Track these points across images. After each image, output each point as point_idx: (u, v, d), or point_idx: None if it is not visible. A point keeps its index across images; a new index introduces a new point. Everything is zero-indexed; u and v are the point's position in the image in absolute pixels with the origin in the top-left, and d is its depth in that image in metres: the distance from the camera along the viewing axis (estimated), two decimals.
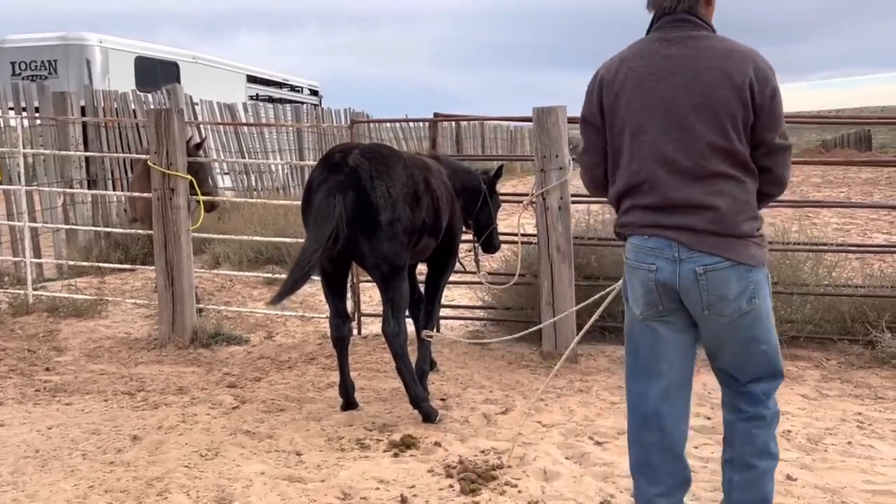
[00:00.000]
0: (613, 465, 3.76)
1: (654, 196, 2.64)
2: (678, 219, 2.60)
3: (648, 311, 2.72)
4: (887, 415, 4.49)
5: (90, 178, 10.53)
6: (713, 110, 2.57)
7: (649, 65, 2.65)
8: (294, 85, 21.58)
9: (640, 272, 2.68)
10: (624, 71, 2.68)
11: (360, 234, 4.19)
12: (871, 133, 42.17)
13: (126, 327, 6.92)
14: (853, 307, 5.70)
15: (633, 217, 2.71)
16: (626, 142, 2.67)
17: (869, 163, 13.37)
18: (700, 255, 2.59)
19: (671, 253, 2.61)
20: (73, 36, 13.49)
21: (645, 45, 2.72)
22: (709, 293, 2.61)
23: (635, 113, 2.65)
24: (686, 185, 2.59)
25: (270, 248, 9.04)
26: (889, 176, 22.68)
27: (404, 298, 4.46)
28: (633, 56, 2.71)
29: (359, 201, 4.15)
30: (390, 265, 4.30)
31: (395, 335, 4.35)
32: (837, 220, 13.26)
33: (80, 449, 4.09)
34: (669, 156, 2.60)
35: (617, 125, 2.70)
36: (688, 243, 2.59)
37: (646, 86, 2.64)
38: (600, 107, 2.75)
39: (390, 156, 4.43)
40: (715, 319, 2.66)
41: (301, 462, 3.91)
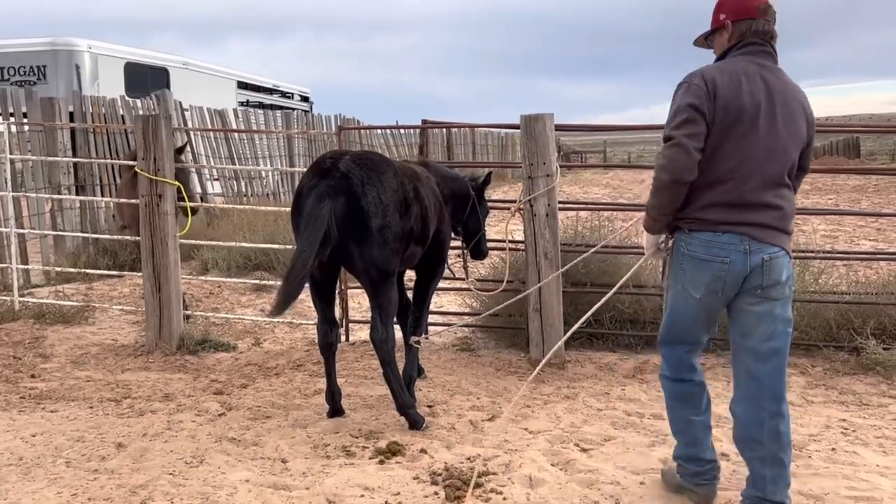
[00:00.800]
0: (598, 472, 3.77)
1: (734, 194, 3.12)
2: (750, 216, 3.11)
3: (709, 297, 3.21)
4: (871, 421, 4.52)
5: (78, 184, 10.49)
6: (797, 134, 3.19)
7: (756, 86, 3.14)
8: (285, 91, 21.55)
9: (714, 264, 3.15)
10: (738, 83, 3.13)
11: (350, 239, 4.18)
12: (859, 140, 42.45)
13: (113, 334, 6.89)
14: (839, 314, 5.74)
15: (709, 214, 3.16)
16: (731, 143, 3.12)
17: (857, 170, 13.45)
18: (765, 246, 3.12)
19: (742, 246, 3.11)
20: (62, 41, 13.43)
21: (743, 65, 3.20)
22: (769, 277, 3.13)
23: (747, 122, 3.11)
24: (763, 190, 3.14)
25: (259, 255, 9.03)
26: (877, 183, 22.86)
27: (393, 305, 4.46)
28: (739, 72, 3.17)
29: (349, 207, 4.14)
30: (380, 271, 4.30)
31: (384, 342, 4.35)
32: (826, 226, 13.36)
33: (64, 457, 4.07)
34: (763, 164, 3.12)
35: (727, 126, 3.11)
36: (758, 237, 3.11)
37: (754, 102, 3.11)
38: (713, 103, 3.12)
39: (381, 162, 4.44)
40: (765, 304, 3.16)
41: (286, 469, 3.89)
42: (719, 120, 3.11)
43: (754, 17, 3.23)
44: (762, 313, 3.16)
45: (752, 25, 3.23)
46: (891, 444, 4.17)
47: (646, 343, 5.98)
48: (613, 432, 4.35)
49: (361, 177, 4.19)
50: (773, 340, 3.18)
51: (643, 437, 4.26)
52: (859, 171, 13.96)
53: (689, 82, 3.18)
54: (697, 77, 3.17)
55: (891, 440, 4.23)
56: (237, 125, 14.25)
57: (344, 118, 17.75)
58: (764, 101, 3.13)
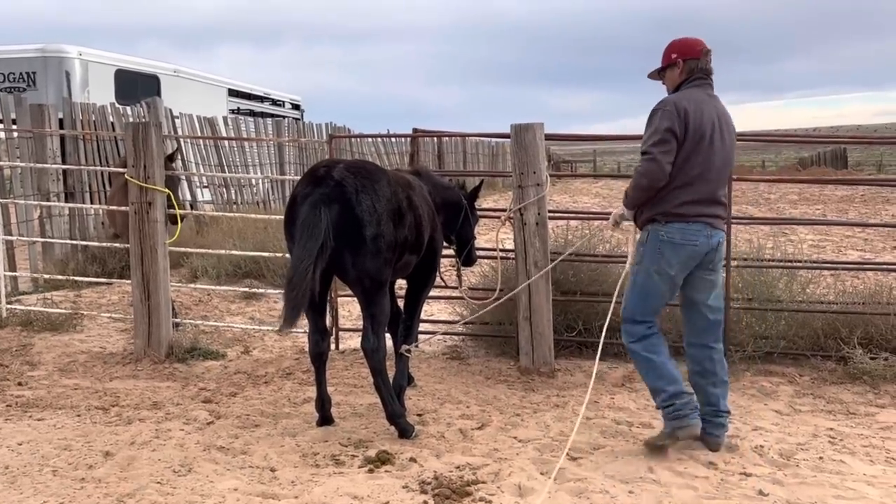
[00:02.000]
0: (588, 481, 3.78)
1: (701, 193, 4.05)
2: (710, 209, 4.10)
3: (681, 272, 4.13)
4: (858, 430, 4.54)
5: (67, 191, 10.44)
6: (734, 147, 4.25)
7: (711, 111, 4.08)
8: (276, 99, 21.54)
9: (688, 246, 4.07)
10: (701, 109, 4.04)
11: (344, 247, 4.16)
12: (846, 151, 42.78)
13: (101, 341, 6.86)
14: (826, 323, 5.78)
15: (683, 209, 4.05)
16: (697, 155, 4.02)
17: (844, 181, 13.56)
18: (718, 231, 4.15)
19: (705, 232, 4.08)
20: (52, 48, 13.39)
21: (698, 95, 4.12)
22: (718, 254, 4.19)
23: (707, 139, 4.03)
24: (718, 190, 4.15)
25: (249, 262, 9.01)
26: (864, 194, 23.02)
27: (385, 314, 4.45)
28: (699, 101, 4.07)
29: (344, 214, 4.13)
30: (372, 280, 4.28)
31: (374, 351, 4.33)
32: (813, 236, 13.44)
33: (51, 465, 4.04)
34: (718, 171, 4.10)
35: (694, 142, 4.01)
36: (714, 224, 4.12)
37: (715, 125, 4.06)
38: (685, 128, 3.99)
39: (375, 171, 4.43)
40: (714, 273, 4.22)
41: (275, 478, 3.88)
42: (689, 138, 3.99)
43: (698, 58, 4.18)
44: (712, 280, 4.22)
45: (698, 64, 4.17)
46: (877, 453, 4.20)
47: None
48: (602, 441, 4.36)
49: (356, 185, 4.18)
50: (717, 299, 4.26)
51: (632, 446, 4.27)
52: (847, 181, 14.15)
53: (664, 108, 4.04)
54: (671, 104, 4.03)
55: (877, 449, 4.26)
56: (227, 133, 14.22)
57: (335, 126, 17.75)
58: (716, 122, 4.07)
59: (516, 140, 5.76)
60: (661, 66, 4.27)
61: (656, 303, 4.22)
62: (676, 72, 4.20)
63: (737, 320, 5.90)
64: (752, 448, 4.22)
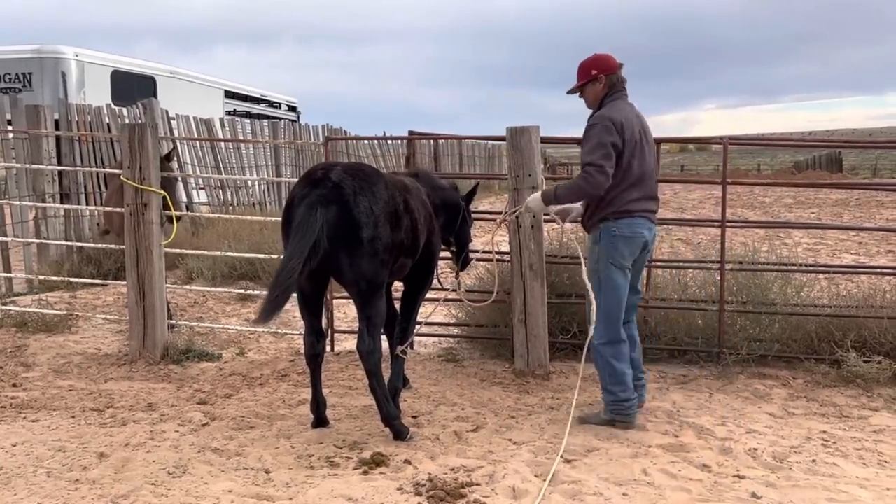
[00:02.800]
0: (582, 483, 3.78)
1: (643, 192, 4.58)
2: (649, 205, 4.65)
3: (631, 261, 4.63)
4: (851, 433, 4.56)
5: (63, 192, 10.43)
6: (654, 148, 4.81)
7: (635, 119, 4.57)
8: (272, 101, 21.53)
9: (637, 238, 4.58)
10: (631, 119, 4.53)
11: (341, 249, 4.15)
12: (841, 155, 42.94)
13: (96, 343, 6.85)
14: (820, 327, 5.80)
15: (630, 206, 4.54)
16: (636, 160, 4.52)
17: (839, 185, 13.60)
18: (654, 224, 4.73)
19: (647, 225, 4.62)
20: (48, 49, 13.37)
21: (624, 105, 4.60)
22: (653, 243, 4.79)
23: (639, 144, 4.53)
24: (654, 188, 4.73)
25: (245, 264, 9.01)
26: (858, 198, 23.11)
27: (381, 316, 4.43)
28: (626, 112, 4.55)
29: (341, 216, 4.11)
30: (369, 282, 4.27)
31: (370, 353, 4.31)
32: (808, 240, 13.48)
33: (45, 467, 4.04)
34: (651, 172, 4.68)
35: (631, 150, 4.49)
36: (651, 218, 4.69)
37: (641, 130, 4.58)
38: (622, 139, 4.46)
39: (372, 174, 4.43)
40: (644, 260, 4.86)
41: (269, 480, 3.88)
42: (627, 147, 4.47)
43: (615, 72, 4.62)
44: (643, 266, 4.91)
45: (616, 77, 4.61)
46: (870, 456, 4.21)
47: None
48: (597, 443, 4.37)
49: (353, 187, 4.18)
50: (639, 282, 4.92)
51: (626, 449, 4.28)
52: (841, 185, 14.18)
53: (603, 123, 4.47)
54: (608, 120, 4.47)
55: (870, 452, 4.27)
56: (224, 134, 14.22)
57: (331, 128, 17.75)
58: (641, 128, 4.58)
59: (512, 143, 5.77)
60: (583, 83, 4.67)
61: (622, 294, 4.62)
62: (598, 86, 4.62)
63: (731, 323, 5.93)
64: (745, 451, 4.24)
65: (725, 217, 5.98)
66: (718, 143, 6.14)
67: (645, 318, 6.15)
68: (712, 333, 5.89)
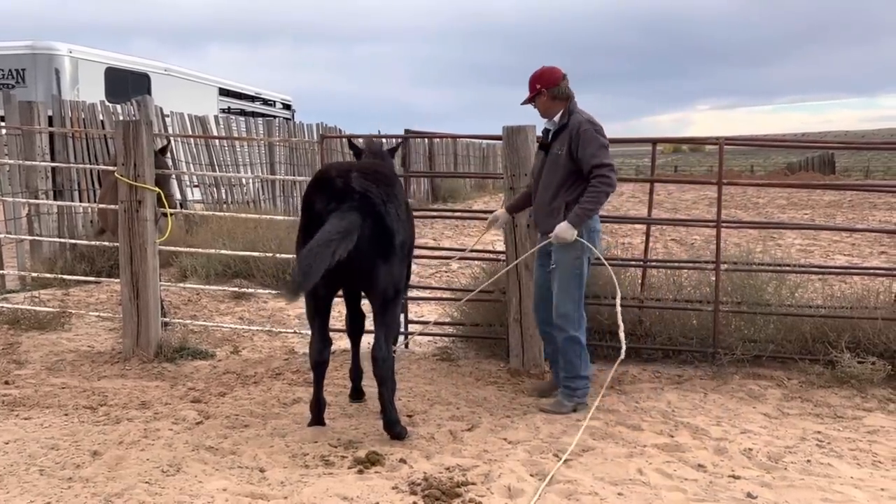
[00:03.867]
0: (577, 483, 3.78)
1: None
2: None
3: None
4: (846, 434, 4.57)
5: (56, 189, 10.38)
6: None
7: None
8: (267, 99, 21.48)
9: (601, 232, 5.04)
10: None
11: (377, 257, 4.11)
12: (834, 157, 43.08)
13: (89, 340, 6.82)
14: (814, 327, 5.80)
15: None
16: None
17: (832, 186, 13.63)
18: None
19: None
20: (42, 45, 13.31)
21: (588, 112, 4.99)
22: None
23: None
24: None
25: (239, 262, 8.98)
26: (851, 199, 23.21)
27: (398, 324, 4.44)
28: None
29: (375, 227, 4.06)
30: (395, 289, 4.27)
31: (385, 360, 4.26)
32: (801, 241, 13.52)
33: (38, 464, 4.01)
34: None
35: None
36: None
37: None
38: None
39: (389, 175, 4.40)
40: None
41: (264, 479, 3.87)
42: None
43: (558, 85, 4.89)
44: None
45: (558, 90, 4.89)
46: (864, 457, 4.22)
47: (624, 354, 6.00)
48: (592, 443, 4.37)
49: (380, 195, 4.12)
50: None
51: (621, 448, 4.28)
52: (834, 186, 14.17)
53: (596, 126, 4.82)
54: (597, 124, 4.85)
55: (864, 452, 4.28)
56: (218, 132, 14.18)
57: (326, 126, 17.72)
58: None
59: (508, 142, 5.77)
60: (532, 96, 4.96)
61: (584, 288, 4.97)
62: (544, 99, 4.92)
63: (726, 323, 5.93)
64: (740, 451, 4.24)
65: (720, 217, 5.99)
66: (714, 143, 6.14)
67: (640, 318, 6.15)
68: (707, 333, 5.90)
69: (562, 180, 4.87)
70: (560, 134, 4.90)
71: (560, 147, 4.87)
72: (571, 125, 4.83)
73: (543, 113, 5.01)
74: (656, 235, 13.46)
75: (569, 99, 4.93)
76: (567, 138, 4.83)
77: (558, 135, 4.92)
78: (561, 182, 4.88)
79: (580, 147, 4.74)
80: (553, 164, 4.92)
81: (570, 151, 4.80)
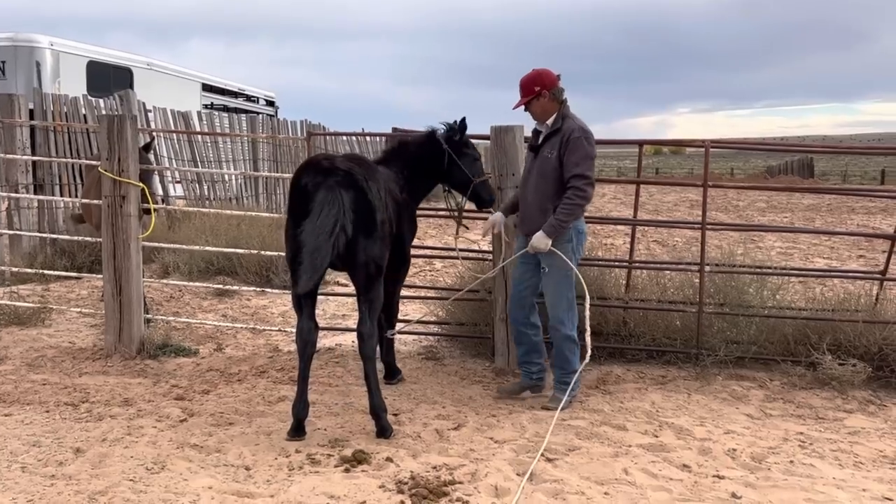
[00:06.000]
0: (563, 482, 3.79)
1: None
2: None
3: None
4: (827, 435, 4.62)
5: (37, 183, 10.25)
6: None
7: None
8: (250, 95, 21.35)
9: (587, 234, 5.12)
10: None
11: (358, 233, 4.27)
12: (813, 161, 43.54)
13: (70, 336, 6.74)
14: (796, 329, 5.86)
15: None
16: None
17: (811, 189, 13.77)
18: None
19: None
20: (22, 37, 13.13)
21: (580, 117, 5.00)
22: None
23: None
24: None
25: (222, 259, 8.92)
26: (830, 203, 23.47)
27: (381, 301, 4.52)
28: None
29: (358, 200, 4.26)
30: (377, 266, 4.41)
31: (369, 336, 4.39)
32: (781, 244, 13.65)
33: (20, 462, 3.97)
34: None
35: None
36: None
37: None
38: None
39: (370, 162, 4.71)
40: None
41: (250, 477, 3.85)
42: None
43: (556, 85, 4.89)
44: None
45: (558, 89, 4.87)
46: (846, 458, 4.27)
47: (609, 354, 6.04)
48: (578, 442, 4.39)
49: (363, 173, 4.36)
50: None
51: (607, 448, 4.30)
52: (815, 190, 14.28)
53: (588, 135, 4.81)
54: (589, 133, 4.84)
55: (846, 453, 4.33)
56: (201, 128, 14.08)
57: (310, 124, 17.65)
58: None
59: (496, 142, 5.78)
60: (528, 99, 4.90)
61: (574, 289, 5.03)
62: (544, 101, 4.88)
63: (709, 325, 5.97)
64: (724, 451, 4.28)
65: (705, 220, 6.03)
66: (700, 145, 6.18)
67: (624, 319, 6.18)
68: (691, 335, 5.94)
69: (552, 183, 4.88)
70: (552, 137, 4.90)
71: (550, 151, 4.88)
72: (564, 130, 4.83)
73: (540, 115, 4.97)
74: (639, 237, 13.53)
75: (563, 102, 4.93)
76: (558, 143, 4.84)
77: (549, 138, 4.91)
78: (550, 185, 4.88)
79: (567, 153, 4.78)
80: (542, 168, 4.92)
81: (559, 156, 4.82)
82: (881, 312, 5.90)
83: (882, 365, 5.53)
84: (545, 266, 4.96)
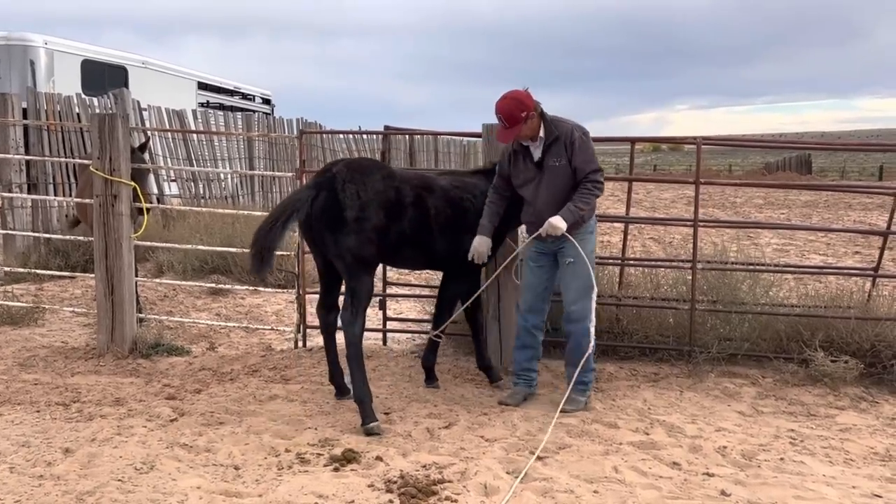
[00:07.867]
0: (553, 480, 3.79)
1: None
2: None
3: None
4: (818, 432, 4.62)
5: (30, 182, 10.24)
6: None
7: None
8: (246, 93, 21.30)
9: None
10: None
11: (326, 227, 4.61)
12: (811, 157, 43.57)
13: (63, 336, 6.74)
14: (788, 326, 5.86)
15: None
16: None
17: (808, 186, 13.76)
18: None
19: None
20: (16, 36, 13.09)
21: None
22: None
23: None
24: None
25: (216, 258, 8.91)
26: (827, 199, 23.49)
27: (366, 292, 4.66)
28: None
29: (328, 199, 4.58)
30: (353, 255, 4.61)
31: (350, 323, 4.56)
32: (777, 240, 13.66)
33: (9, 462, 3.95)
34: None
35: None
36: None
37: None
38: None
39: (370, 167, 4.83)
40: None
41: (239, 476, 3.84)
42: None
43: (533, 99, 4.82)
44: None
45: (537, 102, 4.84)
46: (837, 455, 4.27)
47: (601, 352, 6.03)
48: (568, 440, 4.38)
49: (345, 176, 4.65)
50: None
51: (597, 446, 4.29)
52: (810, 187, 14.25)
53: (585, 133, 4.87)
54: (584, 129, 4.88)
55: (837, 451, 4.33)
56: (196, 126, 14.05)
57: (306, 122, 17.62)
58: None
59: (488, 139, 5.77)
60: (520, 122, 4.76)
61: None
62: (534, 121, 4.83)
63: (702, 322, 5.97)
64: (715, 448, 4.28)
65: (698, 217, 6.03)
66: (692, 142, 6.18)
67: (617, 316, 6.18)
68: (683, 332, 5.94)
69: (563, 189, 4.84)
70: (553, 146, 4.83)
71: (557, 159, 4.82)
72: (563, 135, 4.81)
73: (531, 135, 4.86)
74: (634, 234, 13.54)
75: (542, 112, 4.88)
76: (562, 148, 4.80)
77: (550, 147, 4.84)
78: (567, 190, 4.84)
79: (575, 155, 4.78)
80: (552, 176, 4.85)
81: (568, 161, 4.80)
82: (873, 309, 5.90)
83: (874, 361, 5.53)
84: (571, 258, 4.89)
